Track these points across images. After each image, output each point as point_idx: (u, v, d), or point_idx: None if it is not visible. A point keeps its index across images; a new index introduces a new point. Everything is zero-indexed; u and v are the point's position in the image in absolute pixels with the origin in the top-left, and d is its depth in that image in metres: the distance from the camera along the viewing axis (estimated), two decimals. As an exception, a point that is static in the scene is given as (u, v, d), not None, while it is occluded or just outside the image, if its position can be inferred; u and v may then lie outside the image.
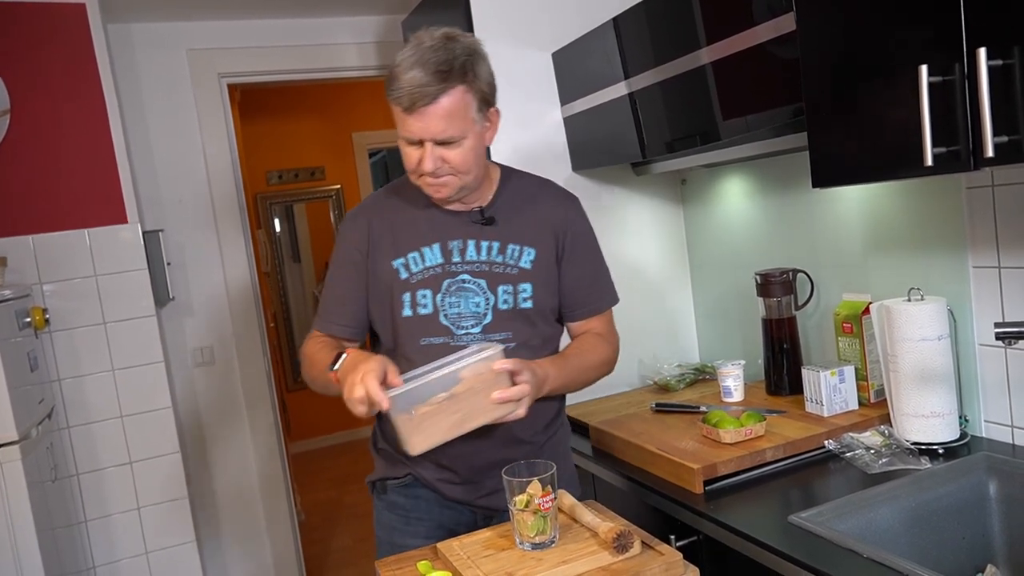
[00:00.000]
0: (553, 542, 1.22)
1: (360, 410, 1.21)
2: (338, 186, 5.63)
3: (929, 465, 1.42)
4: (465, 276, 1.42)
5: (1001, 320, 1.47)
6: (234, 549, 3.01)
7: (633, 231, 2.32)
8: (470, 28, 2.11)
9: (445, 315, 1.41)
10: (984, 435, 1.55)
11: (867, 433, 1.56)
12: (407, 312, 1.42)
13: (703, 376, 2.19)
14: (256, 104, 5.04)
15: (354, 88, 5.26)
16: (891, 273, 1.71)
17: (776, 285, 1.86)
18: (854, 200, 1.78)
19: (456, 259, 1.42)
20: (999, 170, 1.43)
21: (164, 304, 2.77)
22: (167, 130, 2.87)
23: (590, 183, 2.25)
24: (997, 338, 1.16)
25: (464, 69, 1.29)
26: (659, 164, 2.14)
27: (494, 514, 1.47)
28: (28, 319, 2.21)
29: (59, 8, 2.43)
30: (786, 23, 1.38)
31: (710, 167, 2.18)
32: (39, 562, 1.93)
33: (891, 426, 1.57)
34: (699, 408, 1.84)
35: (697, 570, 1.16)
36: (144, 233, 2.58)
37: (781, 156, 1.87)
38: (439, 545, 1.28)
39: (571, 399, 2.22)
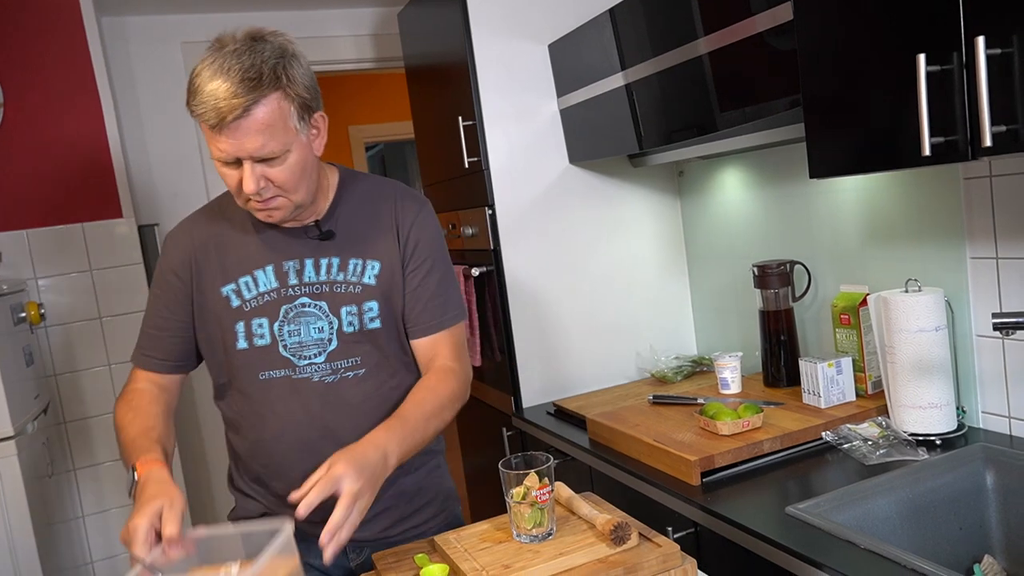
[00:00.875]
0: (550, 534, 1.21)
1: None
2: (334, 180, 5.60)
3: (926, 456, 1.42)
4: (304, 299, 1.28)
5: (999, 311, 1.47)
6: (232, 543, 3.01)
7: (630, 223, 2.31)
8: (466, 20, 2.10)
9: (284, 345, 1.28)
10: (981, 426, 1.55)
11: (864, 424, 1.56)
12: (242, 344, 1.27)
13: (700, 368, 2.19)
14: (252, 98, 5.01)
15: (350, 81, 5.24)
16: (888, 264, 1.70)
17: (773, 277, 1.85)
18: (851, 191, 1.78)
19: (293, 281, 1.29)
20: (997, 160, 1.43)
21: (160, 298, 2.75)
22: (162, 124, 2.86)
23: (587, 175, 2.25)
24: (995, 328, 1.16)
25: (276, 74, 1.14)
26: (656, 156, 2.13)
27: (364, 547, 1.36)
28: (23, 314, 2.20)
29: (53, 1, 2.42)
30: (783, 13, 1.38)
31: (707, 158, 2.18)
32: (36, 557, 1.92)
33: (888, 417, 1.57)
34: (696, 400, 1.84)
35: (694, 561, 1.16)
36: (139, 228, 2.57)
37: (778, 147, 1.87)
38: (436, 538, 1.27)
39: (567, 392, 2.23)
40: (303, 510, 1.04)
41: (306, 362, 1.29)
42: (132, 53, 2.81)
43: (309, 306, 1.29)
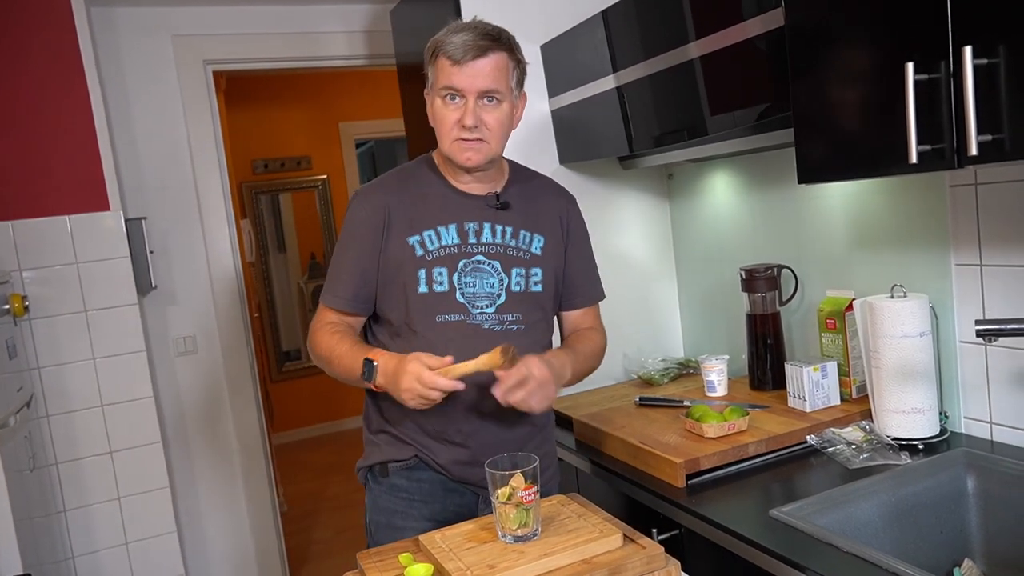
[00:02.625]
0: (535, 535, 1.21)
1: (435, 396, 1.28)
2: (324, 176, 5.59)
3: (909, 460, 1.43)
4: (480, 257, 1.45)
5: (982, 317, 1.48)
6: (216, 540, 2.99)
7: (619, 225, 2.32)
8: (458, 17, 2.10)
9: (462, 293, 1.44)
10: (963, 431, 1.56)
11: (848, 428, 1.57)
12: (423, 288, 1.43)
13: (687, 371, 2.19)
14: (242, 92, 4.99)
15: (341, 77, 5.23)
16: (874, 270, 1.72)
17: (760, 281, 1.87)
18: (839, 197, 1.79)
19: (472, 240, 1.45)
20: (983, 168, 1.44)
21: (146, 293, 2.74)
22: (151, 117, 2.84)
23: (577, 176, 2.25)
24: (978, 335, 1.17)
25: (510, 42, 1.40)
26: (646, 158, 2.14)
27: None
28: (7, 306, 2.18)
29: (41, -9, 2.40)
30: (774, 19, 1.38)
31: (697, 162, 2.19)
32: (16, 552, 1.90)
33: (872, 422, 1.58)
34: (683, 402, 1.84)
35: (678, 563, 1.16)
36: (127, 221, 2.55)
37: (767, 152, 1.88)
38: (421, 538, 1.27)
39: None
40: (500, 392, 1.30)
41: (478, 311, 1.45)
42: (122, 45, 2.78)
43: (484, 263, 1.46)
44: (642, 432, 1.67)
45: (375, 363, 1.35)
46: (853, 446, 1.50)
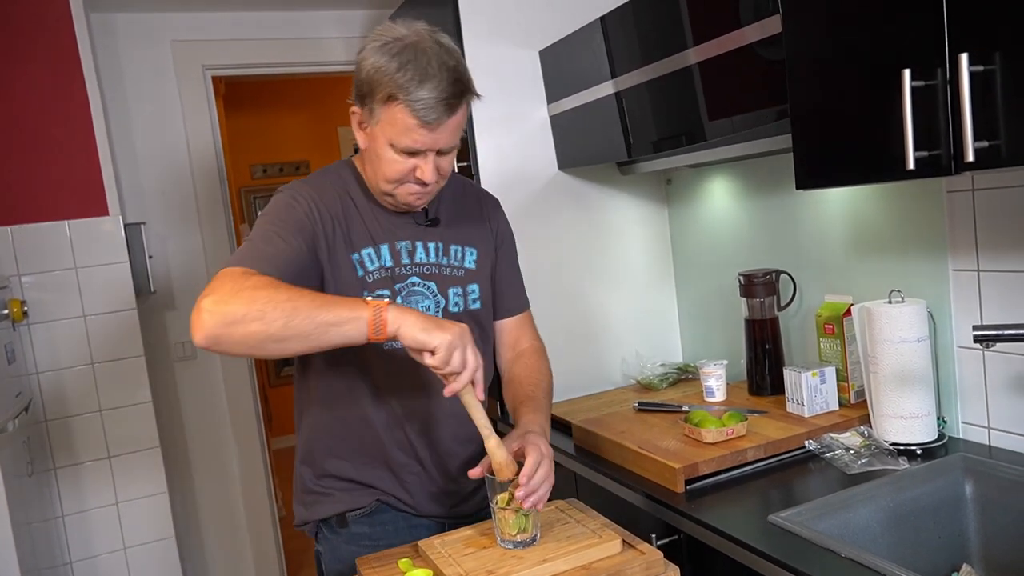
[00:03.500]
0: (534, 540, 1.22)
1: (465, 377, 1.12)
2: (323, 181, 5.60)
3: (907, 466, 1.43)
4: (415, 279, 1.36)
5: (979, 323, 1.49)
6: (214, 545, 2.99)
7: (618, 230, 2.32)
8: (457, 25, 2.10)
9: None
10: (961, 436, 1.57)
11: (847, 434, 1.57)
12: None
13: (686, 376, 2.20)
14: (241, 97, 5.00)
15: (340, 83, 5.20)
16: (872, 275, 1.72)
17: (759, 286, 1.87)
18: (837, 202, 1.80)
19: (405, 261, 1.35)
20: (980, 174, 1.45)
21: (145, 298, 2.74)
22: (150, 122, 2.85)
23: (576, 182, 2.26)
24: (975, 340, 1.17)
25: (469, 80, 1.25)
26: (645, 164, 2.14)
27: (462, 523, 1.39)
28: (6, 311, 2.18)
29: (41, -4, 2.40)
30: (772, 25, 1.39)
31: (696, 167, 2.19)
32: (14, 556, 1.90)
33: (871, 427, 1.58)
34: (681, 407, 1.84)
35: (677, 569, 1.17)
36: (126, 226, 2.55)
37: (766, 157, 1.88)
38: (420, 543, 1.27)
39: (552, 398, 2.22)
40: (528, 497, 1.18)
41: None
42: (121, 50, 2.79)
43: (419, 285, 1.36)
44: (641, 437, 1.67)
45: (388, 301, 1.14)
46: (851, 451, 1.50)
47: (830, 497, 1.35)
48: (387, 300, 1.13)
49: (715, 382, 1.90)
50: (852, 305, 1.67)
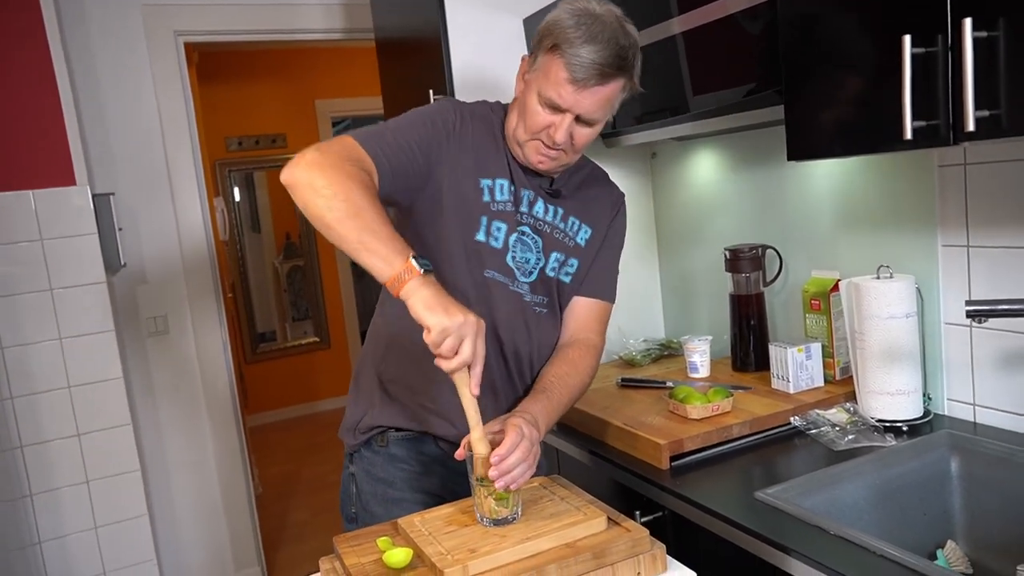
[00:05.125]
0: (515, 518, 1.18)
1: (454, 365, 1.09)
2: (300, 154, 5.49)
3: (893, 442, 1.42)
4: (526, 228, 1.36)
5: (969, 298, 1.47)
6: (189, 524, 2.94)
7: (602, 204, 2.28)
8: (440, -10, 2.04)
9: (513, 256, 1.35)
10: (946, 413, 1.56)
11: (833, 410, 1.55)
12: (481, 236, 1.32)
13: (668, 352, 2.17)
14: (215, 67, 4.88)
15: (318, 53, 5.13)
16: (860, 251, 1.70)
17: (745, 261, 1.84)
18: (825, 176, 1.77)
19: (524, 209, 1.36)
20: (972, 148, 1.42)
21: (115, 271, 2.66)
22: (119, 89, 2.75)
23: (559, 154, 2.21)
24: (968, 316, 1.15)
25: (633, 63, 1.27)
26: (629, 136, 2.09)
27: None
28: (-32, 283, 2.10)
29: (1, -46, 2.30)
30: (763, -9, 1.35)
31: (681, 140, 2.15)
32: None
33: (856, 403, 1.57)
34: (665, 383, 1.82)
35: (663, 547, 1.14)
36: (94, 196, 2.47)
37: (753, 131, 1.85)
38: (400, 521, 1.23)
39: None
40: (493, 472, 1.13)
41: (522, 279, 1.37)
42: (88, 13, 2.68)
43: (528, 236, 1.36)
44: (625, 413, 1.65)
45: (429, 264, 1.12)
46: (837, 428, 1.49)
47: (817, 473, 1.34)
48: (421, 271, 1.09)
49: (699, 358, 1.88)
50: (839, 280, 1.65)
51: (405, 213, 1.35)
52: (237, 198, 5.47)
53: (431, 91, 2.13)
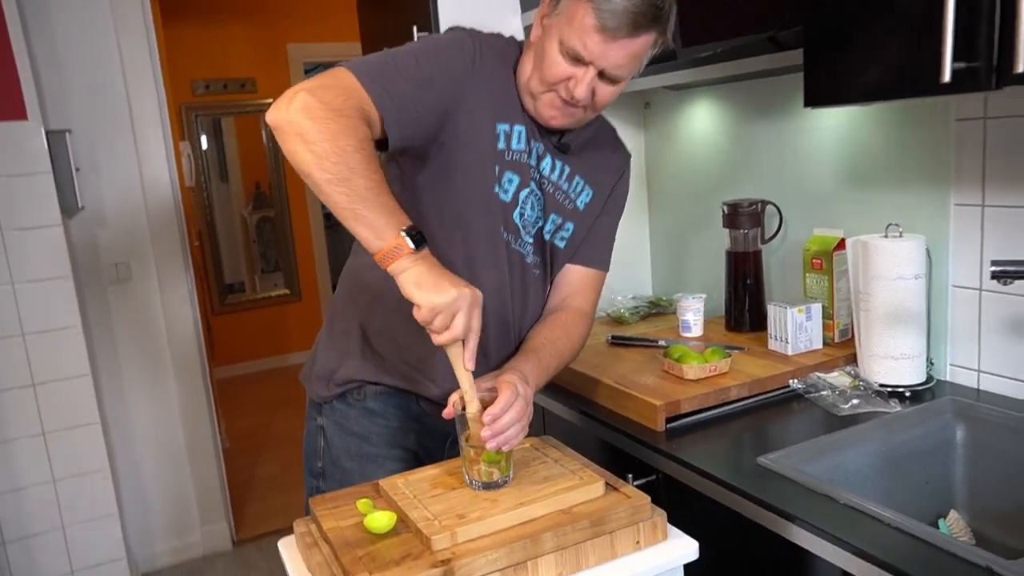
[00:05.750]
0: (506, 482, 1.11)
1: (444, 339, 1.02)
2: (270, 100, 5.23)
3: (899, 408, 1.36)
4: (533, 185, 1.24)
5: (980, 260, 1.41)
6: (153, 478, 2.84)
7: (592, 155, 2.18)
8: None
9: (521, 213, 1.23)
10: (948, 379, 1.51)
11: (834, 373, 1.49)
12: (495, 189, 1.19)
13: (657, 310, 2.10)
14: (181, 5, 4.63)
15: (290, -7, 4.91)
16: (866, 208, 1.63)
17: (744, 216, 1.76)
18: (832, 128, 1.68)
19: (533, 162, 1.23)
20: (994, 101, 1.34)
21: (72, 213, 2.51)
22: (74, 22, 2.55)
23: (549, 100, 2.09)
24: (993, 277, 1.08)
25: (668, 16, 1.12)
26: (624, 83, 1.99)
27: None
28: (-91, 221, 1.95)
29: None
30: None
31: (676, 89, 2.05)
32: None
33: (857, 367, 1.51)
34: (658, 342, 1.75)
35: (664, 514, 1.07)
36: (48, 133, 2.30)
37: (753, 79, 1.75)
38: (382, 483, 1.15)
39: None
40: (486, 432, 1.05)
41: (526, 239, 1.26)
42: (41, -67, 2.48)
43: (533, 193, 1.24)
44: (616, 372, 1.57)
45: (425, 239, 1.02)
46: (838, 391, 1.43)
47: (820, 439, 1.28)
48: (413, 248, 1.00)
49: (692, 316, 1.80)
50: (844, 239, 1.58)
51: (414, 162, 1.21)
52: (204, 146, 5.25)
53: (415, 27, 2.00)
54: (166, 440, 2.85)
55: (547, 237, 1.29)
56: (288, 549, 1.12)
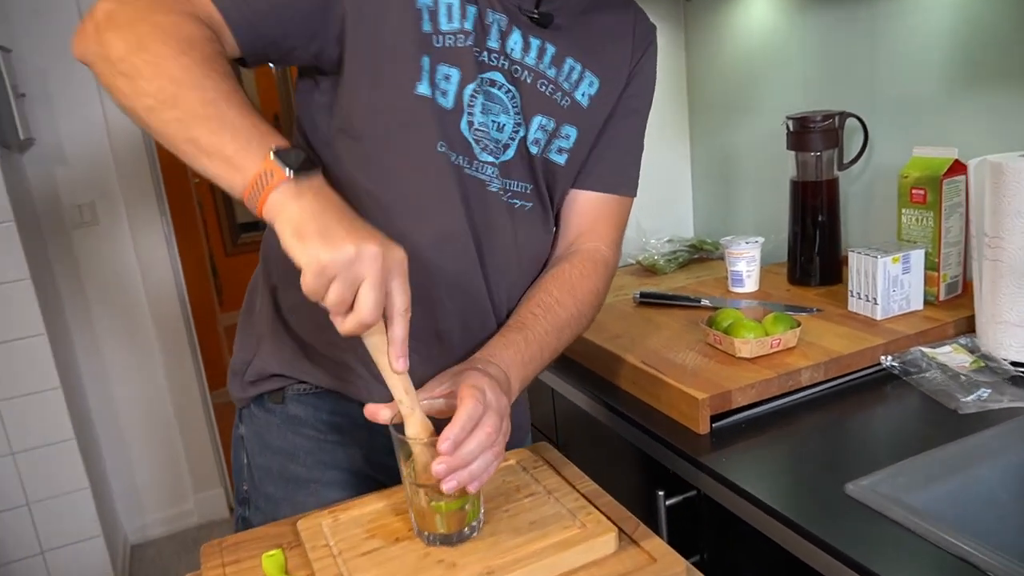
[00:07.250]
0: (474, 531, 0.75)
1: (348, 326, 0.65)
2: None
3: (1046, 402, 0.96)
4: (498, 75, 0.85)
5: None
6: (139, 442, 2.59)
7: (619, 62, 1.76)
8: None
9: (470, 123, 0.84)
10: (1105, 353, 1.09)
11: (945, 347, 1.09)
12: (423, 89, 0.81)
13: (699, 255, 1.71)
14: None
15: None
16: (989, 120, 1.20)
17: (816, 135, 1.34)
18: (937, 10, 1.24)
19: (493, 43, 0.84)
20: None
21: (19, 147, 2.18)
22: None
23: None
24: None
25: None
26: (660, -37, 1.55)
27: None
28: None
29: None
30: None
31: (728, -27, 1.60)
32: None
33: (975, 337, 1.10)
34: (700, 302, 1.36)
35: (706, 584, 0.71)
36: (-19, 51, 1.95)
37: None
38: (300, 526, 0.80)
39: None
40: (440, 467, 0.68)
41: (485, 157, 0.86)
42: None
43: (499, 87, 0.86)
44: (645, 345, 1.19)
45: (314, 163, 0.68)
46: (951, 375, 1.03)
47: (933, 453, 0.89)
48: (289, 174, 0.65)
49: (746, 266, 1.40)
50: (959, 161, 1.15)
51: (307, 81, 0.85)
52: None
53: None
54: (151, 401, 2.58)
55: (534, 150, 0.89)
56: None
